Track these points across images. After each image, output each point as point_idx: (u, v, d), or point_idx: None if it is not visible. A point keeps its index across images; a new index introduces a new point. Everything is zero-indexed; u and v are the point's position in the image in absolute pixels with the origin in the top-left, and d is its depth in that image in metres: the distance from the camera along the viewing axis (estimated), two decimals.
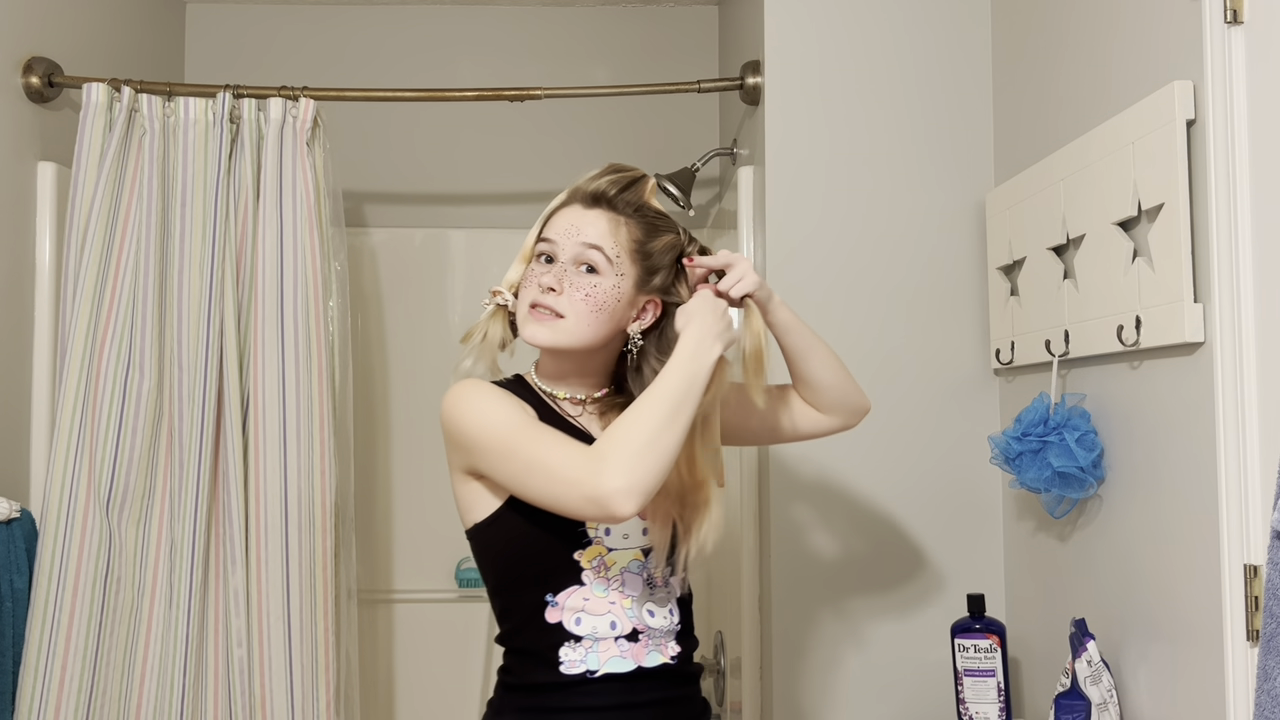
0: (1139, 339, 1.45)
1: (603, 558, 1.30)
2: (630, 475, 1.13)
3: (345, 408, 2.13)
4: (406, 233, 2.74)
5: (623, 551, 1.31)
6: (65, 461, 1.96)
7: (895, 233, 2.05)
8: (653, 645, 1.32)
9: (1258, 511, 1.27)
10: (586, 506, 1.15)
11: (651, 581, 1.33)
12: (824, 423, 1.47)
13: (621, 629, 1.30)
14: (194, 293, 1.99)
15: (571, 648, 1.28)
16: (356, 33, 2.78)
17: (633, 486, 1.13)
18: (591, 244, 1.28)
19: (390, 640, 2.67)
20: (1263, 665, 0.98)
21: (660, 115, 2.77)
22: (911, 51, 2.07)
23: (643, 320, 1.33)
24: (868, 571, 2.02)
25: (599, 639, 1.29)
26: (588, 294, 1.27)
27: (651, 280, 1.32)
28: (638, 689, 1.30)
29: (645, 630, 1.31)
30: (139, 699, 1.96)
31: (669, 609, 1.35)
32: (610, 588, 1.30)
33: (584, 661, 1.28)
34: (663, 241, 1.33)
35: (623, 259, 1.29)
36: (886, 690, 2.01)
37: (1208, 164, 1.32)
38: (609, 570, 1.30)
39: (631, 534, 1.31)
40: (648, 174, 1.36)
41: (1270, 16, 1.24)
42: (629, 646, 1.30)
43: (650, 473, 1.14)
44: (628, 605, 1.31)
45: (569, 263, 1.29)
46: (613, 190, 1.31)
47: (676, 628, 1.36)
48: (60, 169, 2.10)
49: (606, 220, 1.30)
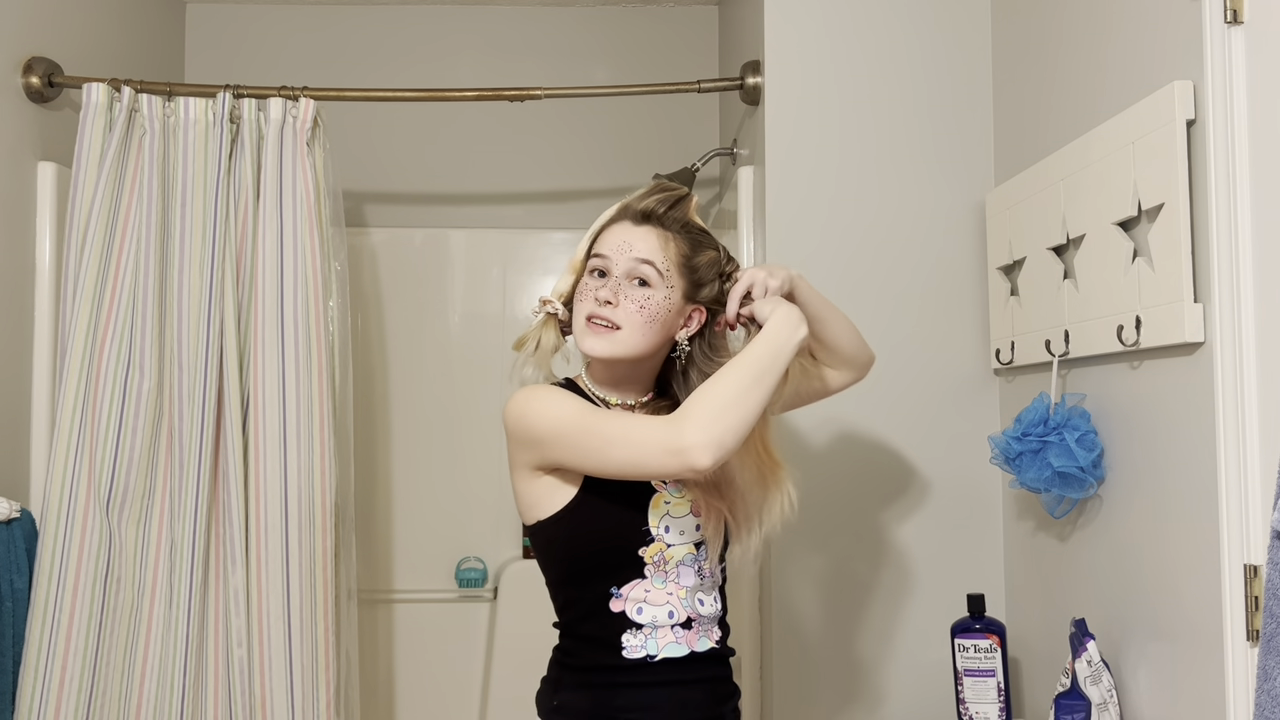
0: (1139, 339, 1.45)
1: (663, 553, 1.38)
2: (710, 430, 1.20)
3: (345, 408, 2.13)
4: (406, 233, 2.74)
5: (679, 547, 1.39)
6: (65, 461, 1.96)
7: (895, 232, 2.05)
8: (703, 631, 1.41)
9: (1258, 511, 1.27)
10: (668, 460, 1.22)
11: (702, 572, 1.41)
12: (838, 379, 1.56)
13: (678, 618, 1.39)
14: (194, 293, 1.99)
15: (633, 634, 1.38)
16: (356, 33, 2.78)
17: (712, 440, 1.20)
18: (644, 259, 1.36)
19: (390, 640, 2.67)
20: (1263, 665, 0.98)
21: (660, 115, 2.77)
22: (912, 51, 2.07)
23: (689, 328, 1.41)
24: (868, 571, 2.02)
25: (658, 626, 1.38)
26: (642, 305, 1.35)
27: (699, 292, 1.40)
28: (689, 671, 1.39)
29: (697, 618, 1.40)
30: (139, 699, 1.96)
31: (714, 596, 1.44)
32: (669, 580, 1.39)
33: (644, 647, 1.38)
34: (707, 256, 1.41)
35: (672, 272, 1.37)
36: (886, 690, 2.01)
37: (1208, 164, 1.32)
38: (667, 565, 1.39)
39: (687, 530, 1.39)
40: (691, 192, 1.44)
41: (1270, 16, 1.24)
42: (684, 633, 1.39)
43: (730, 430, 1.21)
44: (683, 595, 1.40)
45: (622, 277, 1.36)
46: (662, 209, 1.39)
47: (720, 614, 1.45)
48: (60, 169, 2.10)
49: (656, 236, 1.38)
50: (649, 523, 1.38)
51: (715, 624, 1.43)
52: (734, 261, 1.45)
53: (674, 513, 1.39)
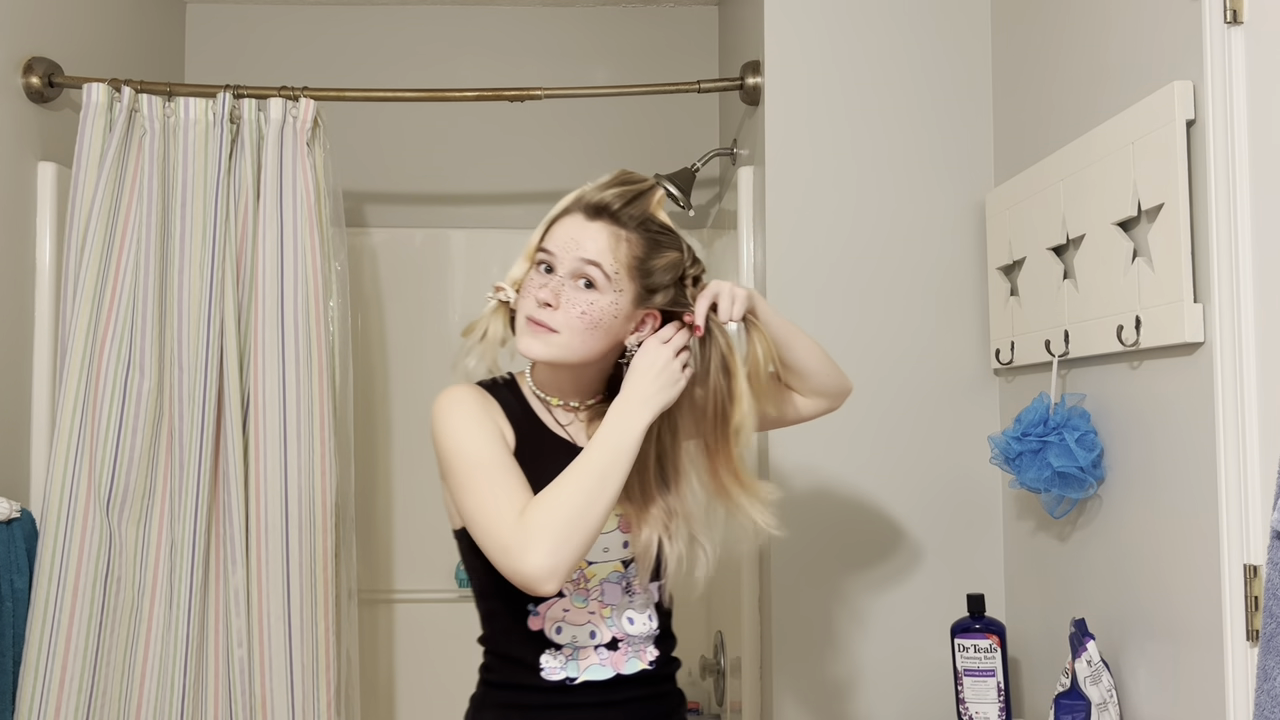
0: (1139, 339, 1.45)
1: (582, 571, 1.31)
2: (553, 558, 1.13)
3: (345, 408, 2.13)
4: (406, 233, 2.74)
5: (602, 565, 1.32)
6: (65, 461, 1.96)
7: (895, 233, 2.05)
8: (632, 652, 1.34)
9: (1258, 511, 1.27)
10: (514, 577, 1.15)
11: (631, 590, 1.34)
12: (810, 406, 1.48)
13: (601, 638, 1.32)
14: (194, 293, 1.99)
15: (552, 655, 1.31)
16: (356, 33, 2.78)
17: (555, 569, 1.13)
18: (590, 260, 1.26)
19: (390, 640, 2.67)
20: (1263, 665, 0.98)
21: (660, 115, 2.77)
22: (912, 52, 2.07)
23: (640, 333, 1.31)
24: (867, 571, 2.02)
25: (579, 647, 1.31)
26: (584, 311, 1.25)
27: (651, 297, 1.30)
28: (615, 693, 1.33)
29: (625, 638, 1.34)
30: (139, 699, 1.96)
31: (648, 614, 1.36)
32: (590, 598, 1.32)
33: (564, 669, 1.31)
34: (665, 259, 1.30)
35: (621, 275, 1.27)
36: (886, 690, 2.01)
37: (1207, 164, 1.32)
38: (589, 582, 1.32)
39: (612, 548, 1.32)
40: (657, 185, 1.34)
41: (1270, 16, 1.24)
42: (609, 655, 1.33)
43: (574, 552, 1.15)
44: (607, 614, 1.33)
45: (567, 276, 1.26)
46: (618, 204, 1.28)
47: (655, 632, 1.37)
48: (60, 169, 2.10)
49: (608, 235, 1.27)
50: None
51: (649, 643, 1.36)
52: (699, 264, 1.35)
53: None
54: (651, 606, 1.37)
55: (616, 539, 1.33)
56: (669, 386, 1.25)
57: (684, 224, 2.74)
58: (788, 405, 1.47)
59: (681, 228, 1.39)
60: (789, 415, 1.48)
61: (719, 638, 2.44)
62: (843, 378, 1.48)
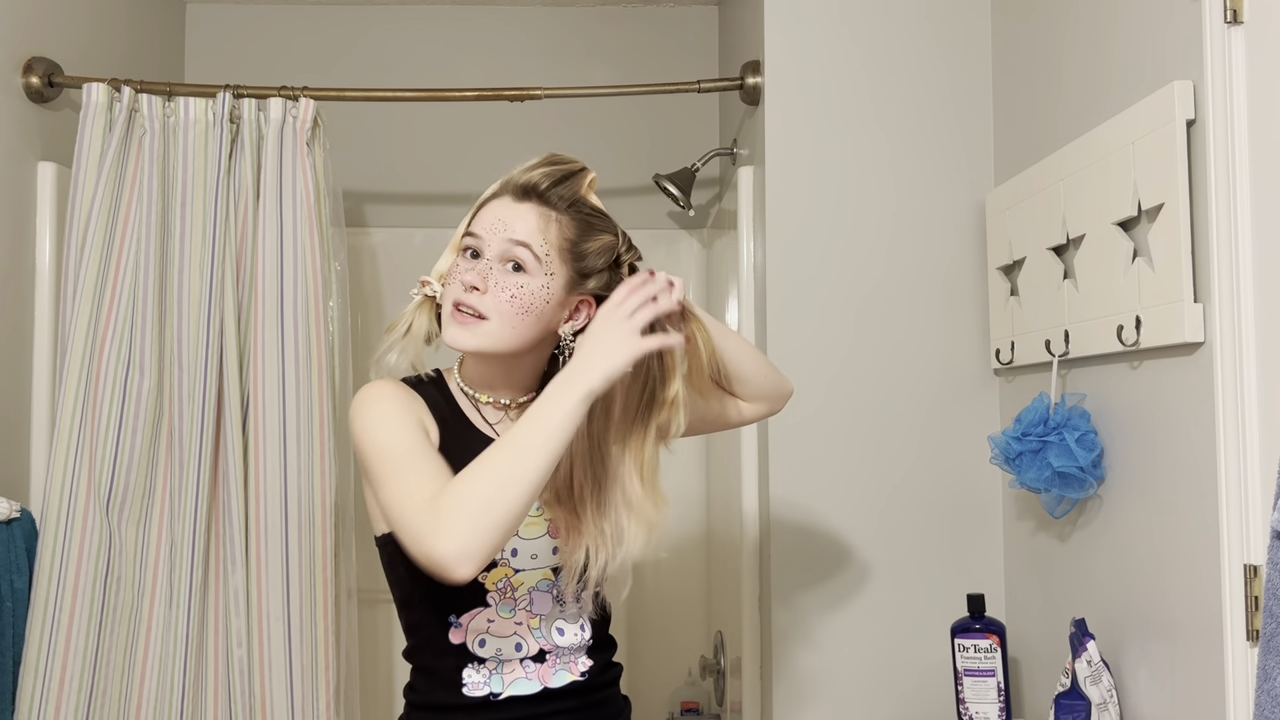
0: (1139, 339, 1.45)
1: (509, 579, 1.25)
2: (466, 540, 1.02)
3: (345, 408, 2.13)
4: (406, 233, 2.74)
5: (531, 572, 1.26)
6: (65, 461, 1.96)
7: (895, 233, 2.05)
8: (560, 664, 1.28)
9: (1258, 511, 1.27)
10: (425, 563, 1.05)
11: (561, 599, 1.28)
12: (751, 410, 1.41)
13: (528, 650, 1.26)
14: (194, 293, 1.99)
15: (475, 669, 1.25)
16: (356, 33, 2.78)
17: (467, 550, 1.02)
18: (519, 240, 1.20)
19: (390, 640, 2.67)
20: (1263, 665, 0.98)
21: (660, 115, 2.77)
22: (912, 51, 2.07)
23: (575, 321, 1.25)
24: (868, 571, 2.02)
25: (504, 660, 1.25)
26: (514, 295, 1.19)
27: (585, 282, 1.24)
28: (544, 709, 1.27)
29: (553, 650, 1.28)
30: (139, 699, 1.96)
31: (580, 624, 1.30)
32: (518, 608, 1.26)
33: (487, 684, 1.25)
34: (598, 243, 1.25)
35: (553, 258, 1.21)
36: (886, 690, 2.01)
37: (1208, 164, 1.32)
38: (515, 591, 1.25)
39: (541, 554, 1.26)
40: (587, 168, 1.29)
41: (1270, 16, 1.24)
42: (535, 668, 1.27)
43: (490, 536, 1.03)
44: (535, 625, 1.27)
45: (495, 260, 1.21)
46: (546, 183, 1.24)
47: (588, 643, 1.31)
48: (60, 169, 2.10)
49: (537, 215, 1.22)
50: None
51: (580, 654, 1.30)
52: (635, 250, 1.29)
53: (525, 534, 1.25)
54: (584, 617, 1.30)
55: (545, 544, 1.26)
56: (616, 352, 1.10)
57: (684, 224, 2.74)
58: (729, 407, 1.40)
59: (682, 228, 1.38)
60: (730, 417, 1.41)
61: (719, 638, 2.45)
62: (781, 380, 1.42)
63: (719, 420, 1.41)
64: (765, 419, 1.45)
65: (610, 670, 1.35)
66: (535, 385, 1.30)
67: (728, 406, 1.40)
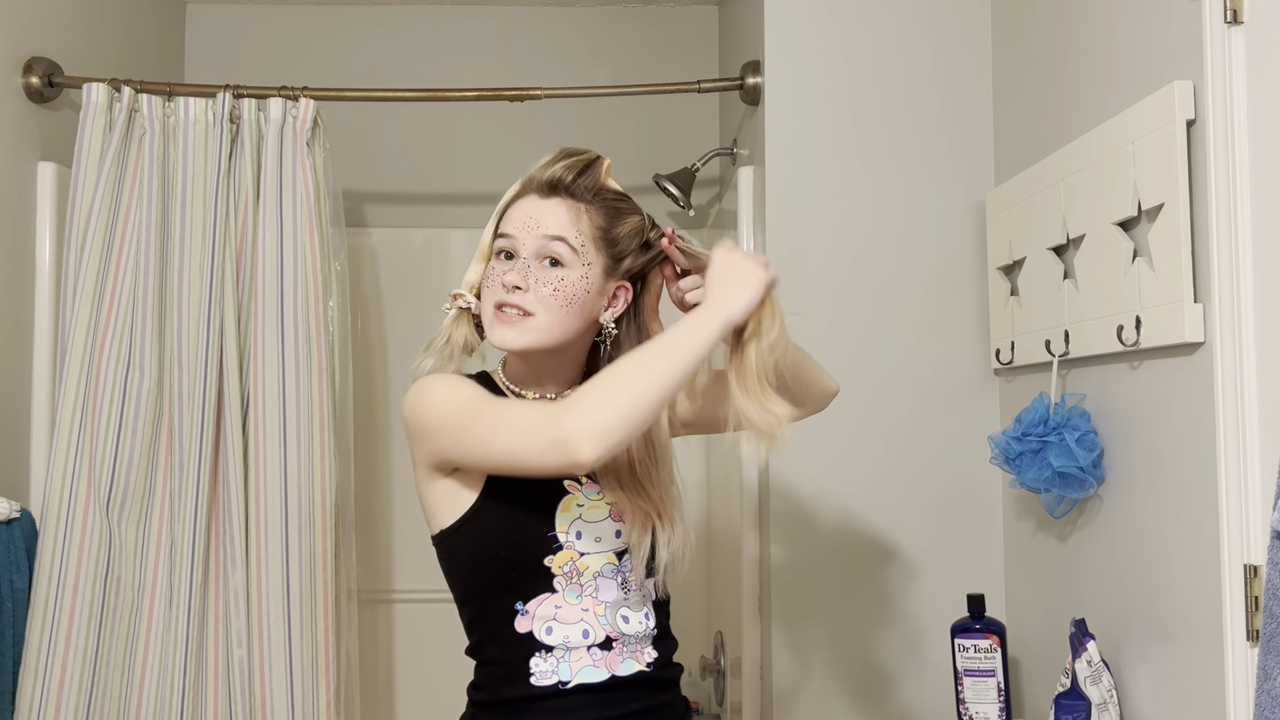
0: (1139, 339, 1.45)
1: (575, 563, 1.25)
2: (596, 419, 1.05)
3: (345, 408, 2.13)
4: (406, 233, 2.74)
5: (595, 556, 1.26)
6: (65, 461, 1.96)
7: (895, 233, 2.05)
8: (628, 653, 1.27)
9: (1258, 511, 1.27)
10: (550, 450, 1.07)
11: (627, 586, 1.27)
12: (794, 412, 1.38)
13: (595, 637, 1.25)
14: (194, 293, 1.99)
15: (542, 658, 1.24)
16: (356, 33, 2.78)
17: (596, 430, 1.05)
18: (554, 235, 1.22)
19: (390, 640, 2.67)
20: (1263, 665, 0.98)
21: (660, 115, 2.77)
22: (912, 51, 2.07)
23: (615, 307, 1.27)
24: (867, 571, 2.02)
25: (571, 648, 1.24)
26: (556, 289, 1.21)
27: (620, 266, 1.26)
28: (612, 699, 1.25)
29: (620, 637, 1.26)
30: (139, 699, 1.96)
31: (644, 613, 1.29)
32: (584, 594, 1.25)
33: (555, 672, 1.24)
34: (628, 226, 1.27)
35: (588, 248, 1.23)
36: (886, 690, 2.01)
37: (1208, 164, 1.32)
38: (581, 576, 1.25)
39: (604, 537, 1.26)
40: (602, 155, 1.29)
41: (1270, 16, 1.24)
42: (602, 655, 1.25)
43: (619, 418, 1.06)
44: (601, 612, 1.25)
45: (532, 257, 1.22)
46: (569, 176, 1.24)
47: (653, 632, 1.30)
48: (60, 169, 2.10)
49: (566, 209, 1.23)
50: (556, 527, 1.23)
51: (646, 644, 1.28)
52: (658, 228, 1.30)
53: (588, 517, 1.25)
54: (649, 604, 1.30)
55: (609, 528, 1.26)
56: (755, 279, 1.16)
57: (684, 224, 2.74)
58: None
59: (682, 228, 1.38)
60: None
61: (719, 638, 2.45)
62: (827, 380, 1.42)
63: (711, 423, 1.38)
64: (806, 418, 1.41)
65: (673, 668, 1.34)
66: (579, 377, 1.32)
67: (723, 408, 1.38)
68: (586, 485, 1.27)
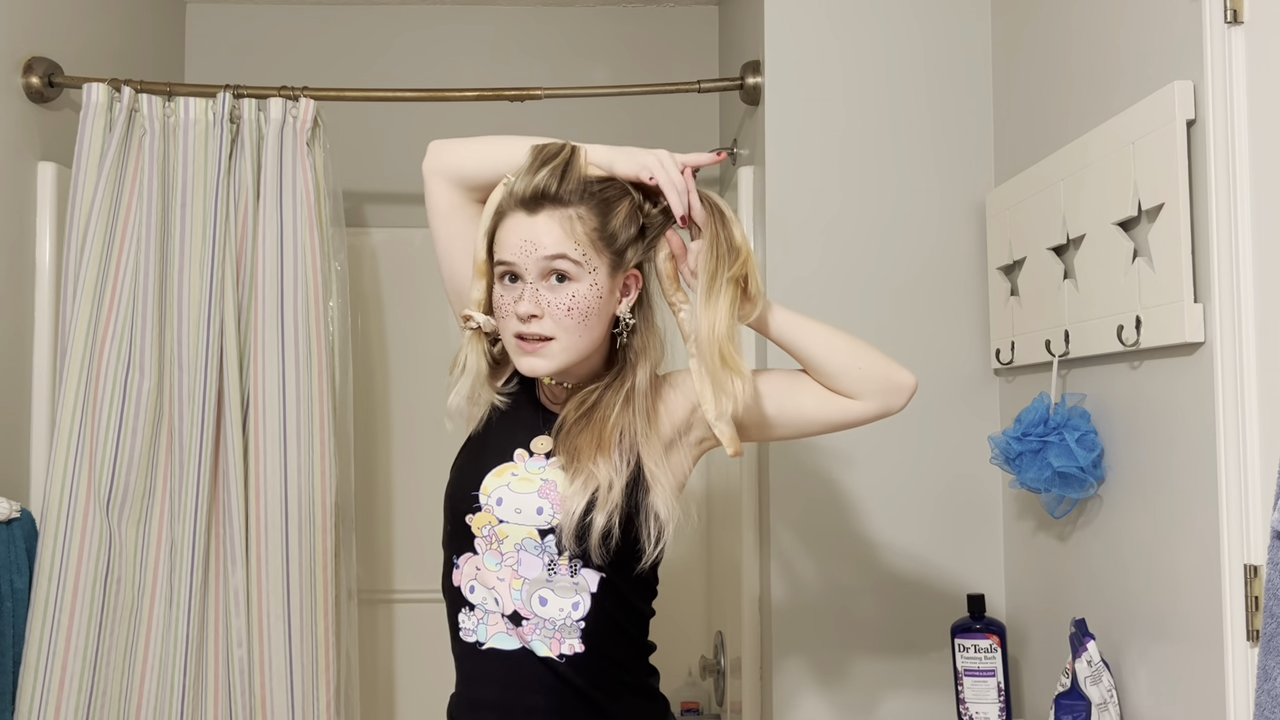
0: (1139, 339, 1.45)
1: (493, 528, 1.24)
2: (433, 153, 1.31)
3: (345, 408, 2.13)
4: (406, 233, 2.74)
5: (514, 526, 1.23)
6: (65, 461, 1.96)
7: (895, 233, 2.05)
8: (539, 636, 1.23)
9: (1258, 511, 1.27)
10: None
11: (555, 568, 1.22)
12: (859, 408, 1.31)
13: (503, 607, 1.24)
14: (194, 293, 1.99)
15: (467, 614, 1.27)
16: (356, 33, 2.78)
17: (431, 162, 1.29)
18: (554, 254, 1.20)
19: (390, 640, 2.67)
20: (1263, 665, 0.98)
21: (660, 115, 2.77)
22: (912, 51, 2.07)
23: (629, 297, 1.28)
24: (868, 571, 2.02)
25: (488, 611, 1.25)
26: (570, 307, 1.21)
27: (623, 259, 1.25)
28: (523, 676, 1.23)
29: (532, 617, 1.23)
30: (139, 699, 1.96)
31: (572, 602, 1.23)
32: (504, 563, 1.23)
33: (475, 631, 1.26)
34: (621, 214, 1.25)
35: (589, 254, 1.21)
36: (886, 690, 2.01)
37: (1208, 164, 1.32)
38: (502, 544, 1.24)
39: (525, 510, 1.22)
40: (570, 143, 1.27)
41: (1270, 16, 1.24)
42: (513, 629, 1.24)
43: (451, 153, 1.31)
44: (518, 586, 1.23)
45: (537, 279, 1.21)
46: (554, 184, 1.21)
47: (579, 625, 1.23)
48: (60, 169, 2.10)
49: (558, 220, 1.21)
50: (480, 488, 1.24)
51: (569, 634, 1.22)
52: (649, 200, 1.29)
53: (515, 487, 1.24)
54: (581, 595, 1.23)
55: (531, 502, 1.23)
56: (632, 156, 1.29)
57: None
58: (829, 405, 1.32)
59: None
60: (833, 417, 1.32)
61: (719, 638, 2.45)
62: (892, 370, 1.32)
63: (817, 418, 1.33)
64: (883, 417, 1.33)
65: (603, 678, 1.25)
66: (603, 368, 1.33)
67: (828, 404, 1.32)
68: (535, 459, 1.27)
